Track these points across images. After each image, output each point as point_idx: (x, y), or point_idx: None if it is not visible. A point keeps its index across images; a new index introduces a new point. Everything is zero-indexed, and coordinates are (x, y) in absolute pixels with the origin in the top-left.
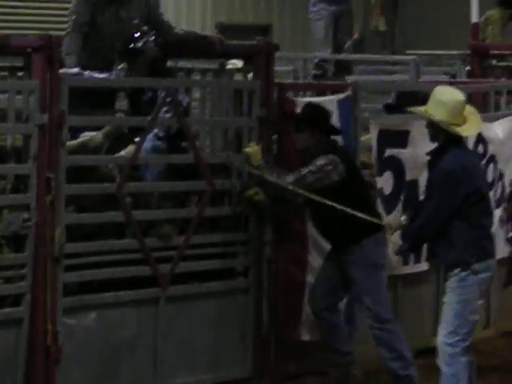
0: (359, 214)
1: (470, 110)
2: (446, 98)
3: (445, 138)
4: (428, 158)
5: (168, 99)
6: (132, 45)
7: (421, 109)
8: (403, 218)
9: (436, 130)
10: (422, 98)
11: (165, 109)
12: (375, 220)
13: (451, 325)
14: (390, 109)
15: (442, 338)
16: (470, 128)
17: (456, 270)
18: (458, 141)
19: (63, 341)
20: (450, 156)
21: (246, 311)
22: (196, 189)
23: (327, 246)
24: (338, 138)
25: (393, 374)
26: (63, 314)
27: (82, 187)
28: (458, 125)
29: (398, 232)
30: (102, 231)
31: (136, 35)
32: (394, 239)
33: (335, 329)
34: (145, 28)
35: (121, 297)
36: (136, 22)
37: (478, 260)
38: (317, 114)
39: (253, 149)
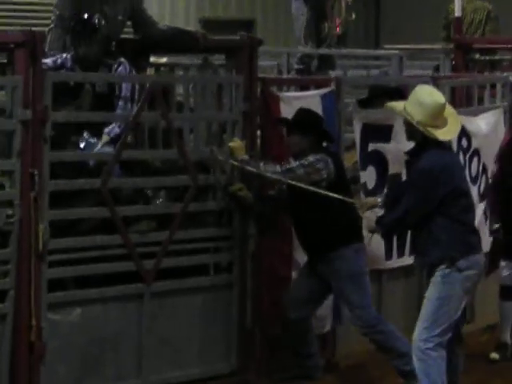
0: (335, 195)
1: (450, 111)
2: (426, 98)
3: (422, 138)
4: (406, 157)
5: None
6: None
7: (399, 106)
8: (379, 199)
9: (413, 129)
10: (393, 93)
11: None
12: (349, 200)
13: (427, 320)
14: (362, 104)
15: (416, 333)
16: (448, 132)
17: (441, 266)
18: (437, 141)
19: (47, 337)
20: (428, 156)
21: (231, 306)
22: (180, 184)
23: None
24: None
25: (397, 371)
26: (50, 310)
27: (66, 183)
28: (437, 127)
29: (375, 212)
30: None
31: (86, 16)
32: (369, 217)
33: (304, 335)
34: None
35: (105, 292)
36: (120, 18)
37: (463, 255)
38: (310, 118)
39: (236, 143)
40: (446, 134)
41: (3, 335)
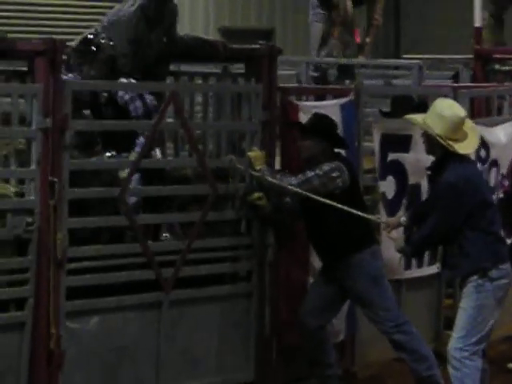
0: (357, 212)
1: (469, 125)
2: (446, 111)
3: (442, 151)
4: (428, 172)
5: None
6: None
7: (419, 118)
8: (403, 218)
9: (434, 143)
10: (417, 105)
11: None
12: (372, 217)
13: (463, 329)
14: (385, 115)
15: (452, 342)
16: (468, 145)
17: (474, 277)
18: (458, 154)
19: (66, 345)
20: (451, 169)
21: (249, 315)
22: (199, 193)
23: None
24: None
25: (416, 376)
26: (69, 319)
27: (85, 191)
28: (457, 140)
29: (401, 231)
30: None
31: (90, 36)
32: (397, 237)
33: (321, 344)
34: (97, 28)
35: (124, 301)
36: (163, 39)
37: (494, 265)
38: (324, 123)
39: (256, 153)
40: (467, 147)
41: (22, 343)
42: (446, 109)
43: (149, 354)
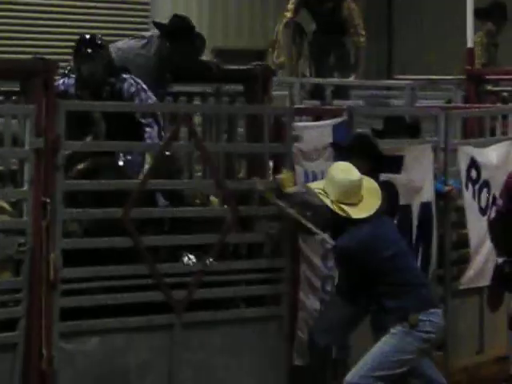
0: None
1: (369, 186)
2: (339, 176)
3: (340, 216)
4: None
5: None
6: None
7: (318, 186)
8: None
9: (330, 209)
10: (409, 125)
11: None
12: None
13: (367, 363)
14: (377, 134)
15: (348, 375)
16: (363, 209)
17: (398, 326)
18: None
19: (59, 366)
20: (346, 233)
21: (278, 338)
22: (218, 215)
23: None
24: None
25: None
26: (63, 339)
27: (80, 212)
28: (353, 204)
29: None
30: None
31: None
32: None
33: (329, 363)
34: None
35: (127, 322)
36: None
37: (417, 312)
38: (368, 143)
39: (285, 175)
40: (360, 211)
41: (14, 364)
42: (339, 173)
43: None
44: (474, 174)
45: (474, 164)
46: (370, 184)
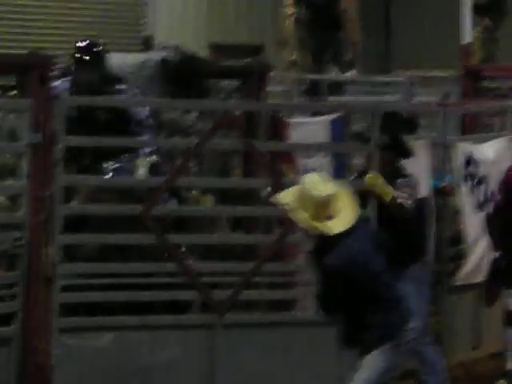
0: None
1: (345, 196)
2: (311, 191)
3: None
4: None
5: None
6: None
7: (286, 198)
8: None
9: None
10: (406, 121)
11: None
12: None
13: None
14: None
15: None
16: (337, 223)
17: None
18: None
19: (57, 361)
20: (333, 252)
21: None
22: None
23: None
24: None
25: None
26: (66, 335)
27: (79, 208)
28: (329, 218)
29: None
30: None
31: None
32: None
33: None
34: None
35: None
36: None
37: (399, 330)
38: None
39: (373, 176)
40: (332, 227)
41: (10, 358)
42: (311, 188)
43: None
44: (471, 169)
45: (471, 160)
46: (345, 196)
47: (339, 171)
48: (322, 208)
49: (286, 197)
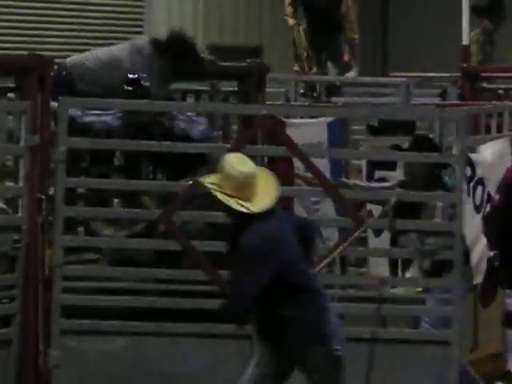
0: None
1: (265, 178)
2: (232, 169)
3: (238, 211)
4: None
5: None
6: None
7: (212, 180)
8: None
9: (224, 205)
10: (404, 122)
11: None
12: None
13: None
14: (372, 129)
15: None
16: (260, 202)
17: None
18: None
19: (56, 363)
20: (250, 232)
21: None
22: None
23: None
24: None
25: None
26: (70, 337)
27: (79, 209)
28: (250, 198)
29: None
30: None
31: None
32: None
33: None
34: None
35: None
36: None
37: (322, 322)
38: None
39: None
40: (255, 205)
41: (9, 360)
42: (232, 166)
43: None
44: (468, 171)
45: (468, 162)
46: (265, 176)
47: (337, 172)
48: (242, 188)
49: (211, 178)
